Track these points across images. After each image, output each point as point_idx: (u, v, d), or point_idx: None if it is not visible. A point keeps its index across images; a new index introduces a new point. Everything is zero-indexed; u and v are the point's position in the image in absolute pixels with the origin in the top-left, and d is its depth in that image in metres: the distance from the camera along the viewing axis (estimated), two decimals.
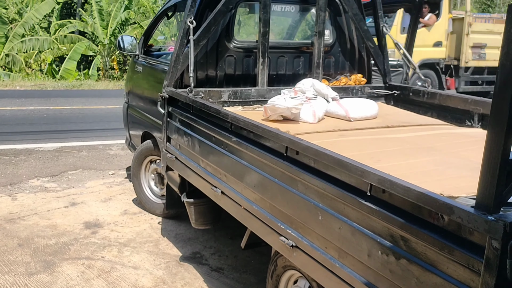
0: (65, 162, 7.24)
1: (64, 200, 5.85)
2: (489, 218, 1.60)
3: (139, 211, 5.63)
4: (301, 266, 2.66)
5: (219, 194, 3.43)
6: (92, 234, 4.96)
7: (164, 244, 4.82)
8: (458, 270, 1.75)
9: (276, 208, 2.80)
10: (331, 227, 2.36)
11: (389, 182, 2.01)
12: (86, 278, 4.12)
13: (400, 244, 1.99)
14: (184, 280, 4.17)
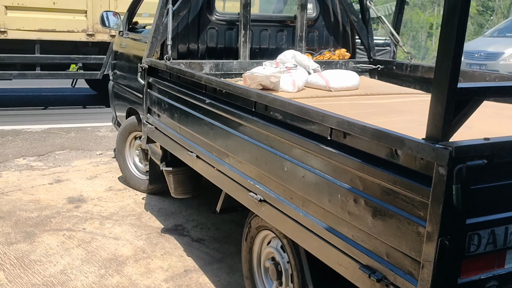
0: (53, 142, 7.23)
1: (49, 177, 5.85)
2: (437, 146, 1.60)
3: (123, 187, 5.63)
4: (269, 219, 2.67)
5: (194, 159, 3.44)
6: (75, 208, 4.96)
7: (147, 218, 4.82)
8: (409, 203, 1.75)
9: (245, 165, 2.81)
10: (295, 177, 2.36)
11: (347, 123, 2.01)
12: (65, 248, 4.12)
13: (358, 185, 1.99)
14: (164, 249, 4.17)
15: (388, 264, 1.85)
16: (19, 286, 3.54)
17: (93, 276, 3.71)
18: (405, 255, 1.78)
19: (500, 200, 1.75)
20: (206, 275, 3.80)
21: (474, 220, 1.70)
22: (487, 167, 1.61)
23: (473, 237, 1.72)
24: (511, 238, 1.79)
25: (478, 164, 1.59)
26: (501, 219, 1.76)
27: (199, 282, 3.70)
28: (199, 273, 3.83)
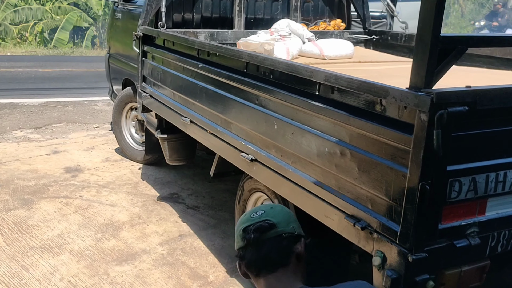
0: (50, 116, 7.26)
1: (47, 148, 5.89)
2: (419, 93, 1.64)
3: (120, 158, 5.67)
4: (260, 178, 2.72)
5: (188, 123, 3.47)
6: (72, 177, 5.02)
7: (143, 186, 4.88)
8: (393, 151, 1.79)
9: (237, 126, 2.85)
10: (285, 134, 2.40)
11: (334, 76, 2.05)
12: (63, 214, 4.18)
13: (345, 137, 2.03)
14: (159, 215, 4.24)
15: (372, 212, 1.91)
16: (17, 249, 3.61)
17: (90, 239, 3.78)
18: (388, 202, 1.83)
19: (482, 148, 1.80)
20: (200, 239, 3.87)
21: (455, 167, 1.75)
22: (468, 114, 1.65)
23: (454, 184, 1.76)
24: (492, 186, 1.84)
25: (459, 110, 1.63)
26: (482, 167, 1.80)
27: (193, 246, 3.76)
28: (194, 237, 3.89)
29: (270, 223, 1.59)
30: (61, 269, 3.38)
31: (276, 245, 1.57)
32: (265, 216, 1.62)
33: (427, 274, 1.79)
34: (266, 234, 1.58)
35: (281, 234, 1.58)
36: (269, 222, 1.60)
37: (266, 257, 1.57)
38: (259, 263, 1.58)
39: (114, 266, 3.44)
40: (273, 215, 1.62)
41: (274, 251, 1.57)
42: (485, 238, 1.89)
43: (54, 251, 3.59)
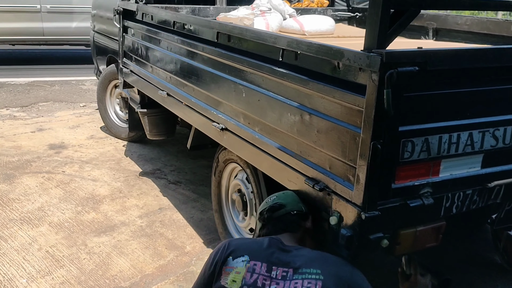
0: (36, 95, 7.26)
1: (32, 126, 5.91)
2: (370, 54, 1.67)
3: (105, 136, 5.70)
4: (230, 147, 2.76)
5: (165, 96, 3.50)
6: (55, 154, 5.04)
7: (126, 162, 4.91)
8: (348, 113, 1.83)
9: (209, 96, 2.88)
10: (252, 101, 2.43)
11: (296, 41, 2.08)
12: (44, 188, 4.22)
13: (305, 101, 2.07)
14: (140, 190, 4.28)
15: (330, 174, 1.95)
16: None
17: (69, 212, 3.82)
18: (344, 163, 1.87)
19: (434, 110, 1.84)
20: (180, 212, 3.92)
21: (407, 127, 1.79)
22: (419, 74, 1.68)
23: (407, 144, 1.80)
24: (445, 148, 1.88)
25: (410, 70, 1.66)
26: (434, 128, 1.84)
27: (172, 219, 3.81)
28: (173, 210, 3.94)
29: (279, 204, 2.07)
30: (39, 240, 3.42)
31: (285, 220, 2.03)
32: (277, 200, 2.11)
33: (381, 233, 1.84)
34: (276, 213, 2.05)
35: (290, 212, 2.04)
36: (279, 203, 2.08)
37: (276, 229, 2.01)
38: (272, 232, 2.01)
39: (92, 237, 3.49)
40: (284, 198, 2.10)
41: (283, 224, 2.02)
42: (440, 199, 1.94)
43: (34, 223, 3.64)
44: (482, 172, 2.02)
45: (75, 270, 3.11)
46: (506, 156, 2.06)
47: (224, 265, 1.84)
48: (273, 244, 1.92)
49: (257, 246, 1.92)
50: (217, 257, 1.89)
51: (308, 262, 1.82)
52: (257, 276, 1.79)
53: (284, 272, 1.80)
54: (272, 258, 1.84)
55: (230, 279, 1.79)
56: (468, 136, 1.92)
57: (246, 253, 1.86)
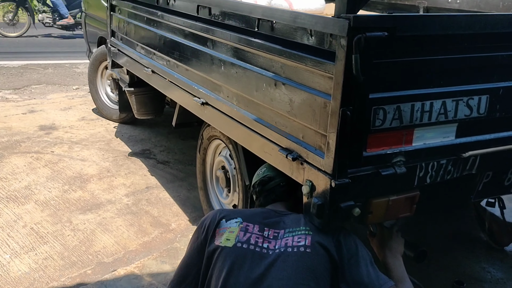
0: (30, 77, 7.24)
1: (23, 108, 5.90)
2: (339, 19, 1.65)
3: (96, 117, 5.69)
4: (210, 121, 2.76)
5: (150, 74, 3.48)
6: (45, 135, 5.04)
7: (116, 143, 4.91)
8: (319, 80, 1.81)
9: (191, 71, 2.87)
10: (230, 74, 2.42)
11: (270, 10, 2.06)
12: (32, 167, 4.22)
13: (279, 71, 2.05)
14: (128, 169, 4.28)
15: (303, 143, 1.94)
16: None
17: (56, 191, 3.83)
18: (316, 132, 1.85)
19: (406, 77, 1.82)
20: (167, 191, 3.92)
21: (378, 95, 1.77)
22: (389, 40, 1.66)
23: (378, 112, 1.79)
24: (417, 116, 1.87)
25: (378, 35, 1.64)
26: (406, 96, 1.83)
27: (159, 197, 3.82)
28: (160, 189, 3.95)
29: (269, 176, 2.14)
30: (24, 217, 3.43)
31: (276, 191, 2.10)
32: (267, 172, 2.17)
33: (352, 201, 1.82)
34: (267, 186, 2.12)
35: (279, 184, 2.11)
36: (268, 176, 2.15)
37: (268, 200, 2.10)
38: (264, 203, 2.10)
39: (78, 215, 3.49)
40: (273, 169, 2.15)
41: (274, 195, 2.10)
42: (413, 168, 1.93)
43: (20, 201, 3.64)
44: (457, 142, 2.01)
45: (58, 246, 3.12)
46: (481, 126, 2.04)
47: (218, 227, 1.87)
48: (266, 211, 1.99)
49: (250, 212, 2.00)
50: (210, 222, 1.90)
51: (298, 221, 1.87)
52: (250, 235, 1.82)
53: (275, 233, 1.84)
54: (264, 221, 1.89)
55: (224, 238, 1.81)
56: (441, 104, 1.90)
57: (239, 216, 1.90)
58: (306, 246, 1.79)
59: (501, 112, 2.04)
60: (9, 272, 2.86)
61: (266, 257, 1.78)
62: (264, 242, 1.82)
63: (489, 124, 2.05)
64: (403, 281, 1.91)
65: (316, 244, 1.79)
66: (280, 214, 1.97)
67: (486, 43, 1.93)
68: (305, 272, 1.73)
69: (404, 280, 1.92)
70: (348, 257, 1.81)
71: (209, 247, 1.85)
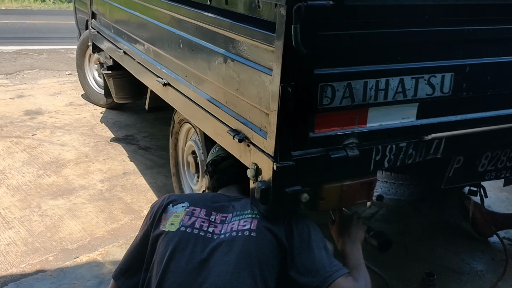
0: (23, 63, 7.17)
1: (12, 93, 5.83)
2: None
3: (84, 103, 5.60)
4: (172, 102, 2.63)
5: (122, 55, 3.37)
6: (29, 119, 4.96)
7: (100, 128, 4.81)
8: (263, 54, 1.68)
9: (154, 51, 2.75)
10: (187, 52, 2.29)
11: None
12: (10, 152, 4.14)
13: (229, 47, 1.92)
14: (108, 155, 4.18)
15: (249, 124, 1.81)
16: None
17: (30, 175, 3.74)
18: (261, 111, 1.72)
19: (357, 52, 1.67)
20: (144, 177, 3.81)
21: (325, 70, 1.62)
22: (335, 10, 1.51)
23: (326, 89, 1.64)
24: (371, 95, 1.72)
25: (322, 4, 1.49)
26: (358, 72, 1.68)
27: (135, 183, 3.71)
28: (138, 175, 3.84)
29: (222, 156, 2.04)
30: None
31: (229, 172, 1.99)
32: (220, 151, 2.07)
33: (299, 186, 1.69)
34: (219, 166, 2.02)
35: (233, 164, 1.98)
36: (221, 155, 2.04)
37: (221, 182, 1.98)
38: (217, 185, 1.99)
39: (48, 200, 3.40)
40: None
41: (227, 176, 1.99)
42: (368, 151, 1.79)
43: None
44: (418, 123, 1.85)
45: (23, 232, 3.03)
46: (445, 107, 1.89)
47: (164, 212, 1.78)
48: (217, 196, 1.89)
49: (199, 196, 1.92)
50: (157, 207, 1.82)
51: (247, 205, 1.77)
52: (195, 219, 1.73)
53: (223, 217, 1.75)
54: (213, 205, 1.79)
55: (169, 223, 1.73)
56: (399, 82, 1.75)
57: (187, 201, 1.81)
58: (251, 230, 1.67)
59: (468, 92, 1.89)
60: None
61: (210, 241, 1.67)
62: (209, 227, 1.72)
63: (454, 104, 1.90)
64: (358, 268, 1.77)
65: (263, 228, 1.68)
66: (231, 198, 1.86)
67: (450, 16, 1.78)
68: (248, 257, 1.62)
69: (359, 267, 1.78)
70: (300, 242, 1.69)
71: (154, 233, 1.76)
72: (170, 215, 1.77)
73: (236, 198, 1.86)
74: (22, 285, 2.57)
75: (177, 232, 1.70)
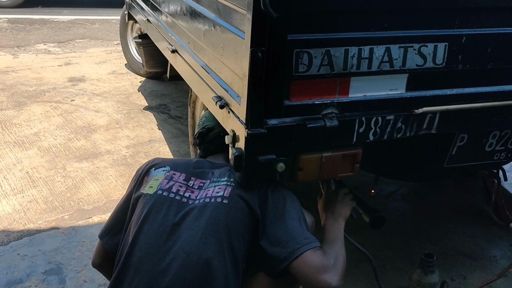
0: (76, 32, 7.42)
1: (61, 60, 6.05)
2: None
3: (126, 72, 5.73)
4: (179, 70, 2.64)
5: (146, 23, 3.41)
6: (72, 86, 5.15)
7: (135, 97, 4.92)
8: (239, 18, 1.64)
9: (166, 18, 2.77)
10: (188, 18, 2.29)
11: None
12: (48, 116, 4.33)
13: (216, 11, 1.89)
14: (138, 122, 4.28)
15: (230, 90, 1.79)
16: None
17: (61, 139, 3.90)
18: (238, 76, 1.69)
19: (337, 17, 1.60)
20: (168, 145, 3.88)
21: (299, 36, 1.57)
22: None
23: (302, 56, 1.59)
24: (353, 63, 1.64)
25: None
26: (338, 39, 1.61)
27: (158, 151, 3.79)
28: (163, 143, 3.91)
29: (208, 127, 2.02)
30: (24, 162, 3.52)
31: (216, 142, 1.99)
32: (206, 122, 2.06)
33: (273, 155, 1.66)
34: (206, 137, 2.02)
35: (219, 135, 1.97)
36: (207, 127, 2.03)
37: (207, 151, 2.02)
38: (204, 155, 2.03)
39: (73, 163, 3.54)
40: (212, 120, 2.03)
41: (214, 146, 2.00)
42: (350, 123, 1.72)
43: (25, 146, 3.75)
44: (407, 96, 1.76)
45: (46, 191, 3.18)
46: (439, 80, 1.78)
47: (146, 175, 1.83)
48: (201, 162, 1.90)
49: (183, 161, 1.93)
50: (141, 170, 1.88)
51: (225, 173, 1.79)
52: (173, 183, 1.76)
53: (201, 183, 1.77)
54: (194, 170, 1.82)
55: (148, 186, 1.77)
56: (385, 51, 1.66)
57: (169, 165, 1.85)
58: (223, 197, 1.68)
59: (465, 65, 1.77)
60: None
61: (184, 206, 1.70)
62: (186, 192, 1.74)
63: (450, 77, 1.79)
64: (333, 244, 1.73)
65: (236, 196, 1.68)
66: (215, 165, 1.87)
67: None
68: (216, 224, 1.63)
69: (334, 243, 1.74)
70: (273, 212, 1.68)
71: (135, 195, 1.81)
72: (150, 178, 1.81)
73: (219, 165, 1.86)
74: (35, 240, 2.71)
75: (154, 195, 1.73)
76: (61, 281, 2.42)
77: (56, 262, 2.55)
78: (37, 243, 2.68)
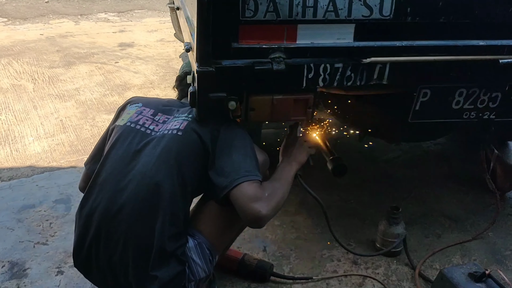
0: (136, 3, 7.82)
1: (116, 28, 6.47)
2: None
3: (174, 40, 5.97)
4: (181, 25, 2.84)
5: None
6: (119, 50, 5.52)
7: (175, 62, 5.21)
8: None
9: None
10: None
11: None
12: (91, 74, 4.72)
13: None
14: (170, 84, 4.52)
15: (193, 34, 1.95)
16: (39, 94, 4.22)
17: (97, 94, 4.26)
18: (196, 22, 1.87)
19: None
20: None
21: None
22: None
23: (248, 1, 1.73)
24: (298, 11, 1.76)
25: None
26: None
27: None
28: None
29: (185, 72, 2.16)
30: (60, 111, 3.91)
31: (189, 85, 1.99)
32: (185, 66, 2.23)
33: (223, 93, 1.83)
34: (183, 81, 2.15)
35: None
36: (185, 71, 2.17)
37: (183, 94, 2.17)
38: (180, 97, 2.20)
39: (102, 115, 3.88)
40: (190, 65, 2.09)
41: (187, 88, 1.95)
42: (298, 68, 1.84)
43: (64, 99, 4.14)
44: (355, 45, 1.85)
45: (73, 136, 3.53)
46: (387, 31, 1.85)
47: (122, 110, 2.10)
48: (172, 101, 2.13)
49: (155, 100, 2.16)
50: (121, 106, 2.15)
51: (187, 110, 1.98)
52: (142, 117, 2.00)
53: (166, 118, 1.98)
54: (162, 108, 2.04)
55: (121, 119, 2.03)
56: (330, 1, 1.77)
57: (142, 102, 2.09)
58: (179, 129, 1.89)
59: (414, 17, 1.83)
60: (26, 150, 3.35)
61: (147, 137, 1.92)
62: (151, 125, 1.97)
63: (398, 29, 1.86)
64: (275, 180, 1.89)
65: (190, 129, 1.88)
66: (184, 105, 2.06)
67: None
68: (169, 152, 1.85)
69: (277, 180, 1.90)
70: (222, 146, 1.86)
71: (111, 126, 2.08)
72: (124, 112, 2.06)
73: (187, 105, 2.06)
74: (53, 175, 3.06)
75: (123, 126, 1.98)
76: (67, 209, 2.74)
77: (67, 194, 2.87)
78: (55, 177, 3.03)
